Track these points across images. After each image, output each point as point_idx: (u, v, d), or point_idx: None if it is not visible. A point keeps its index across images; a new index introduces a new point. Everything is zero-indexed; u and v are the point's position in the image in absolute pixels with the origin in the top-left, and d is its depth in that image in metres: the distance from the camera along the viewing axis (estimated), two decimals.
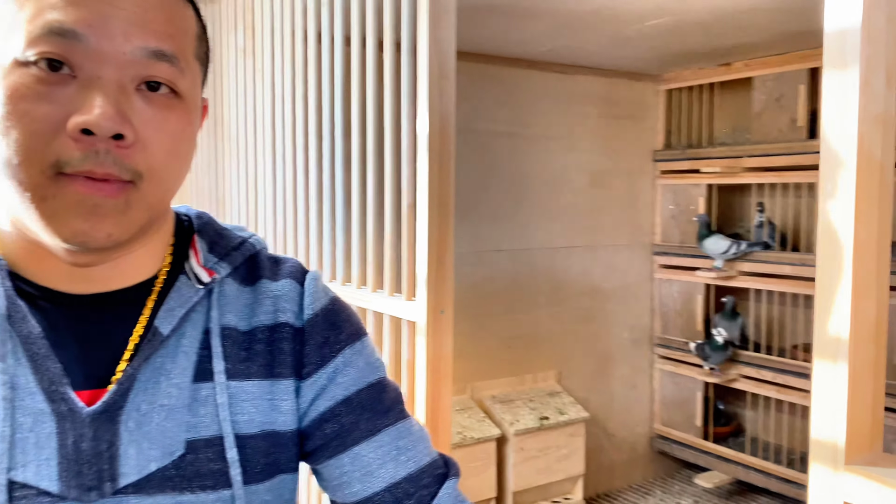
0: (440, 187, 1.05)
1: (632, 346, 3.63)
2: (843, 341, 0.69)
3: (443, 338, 1.07)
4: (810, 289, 2.94)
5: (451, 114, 1.06)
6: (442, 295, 1.07)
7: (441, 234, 1.05)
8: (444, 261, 1.06)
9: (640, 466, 3.68)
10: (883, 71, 0.76)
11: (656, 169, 3.63)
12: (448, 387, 1.08)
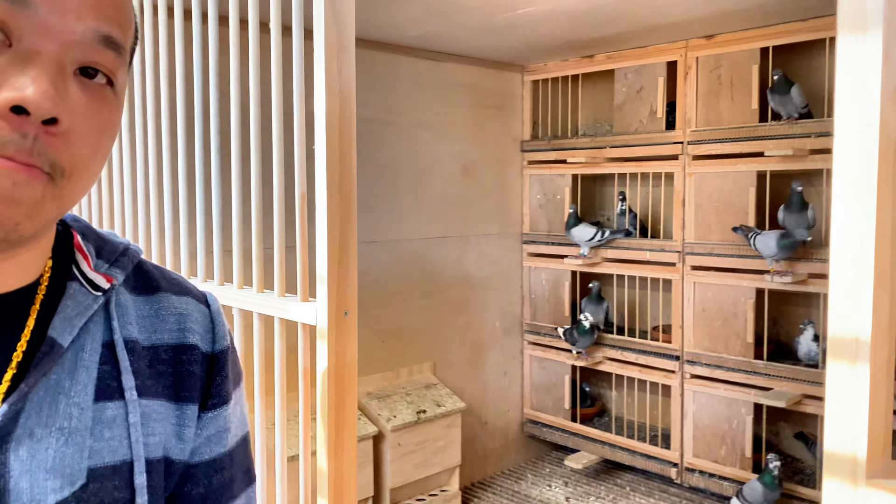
0: (342, 172, 0.94)
1: (503, 333, 3.66)
2: (864, 342, 0.64)
3: (347, 343, 0.97)
4: (668, 273, 3.09)
5: (351, 91, 0.96)
6: (345, 294, 0.96)
7: (344, 224, 0.95)
8: (347, 255, 0.96)
9: (512, 452, 3.74)
10: None
11: (524, 159, 3.68)
12: (353, 399, 0.98)
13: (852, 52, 0.63)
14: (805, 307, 3.13)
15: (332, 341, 0.96)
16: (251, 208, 1.23)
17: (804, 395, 2.77)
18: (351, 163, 0.96)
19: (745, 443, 2.95)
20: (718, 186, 2.97)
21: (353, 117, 0.97)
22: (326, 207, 0.95)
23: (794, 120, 2.74)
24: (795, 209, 2.70)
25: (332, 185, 0.95)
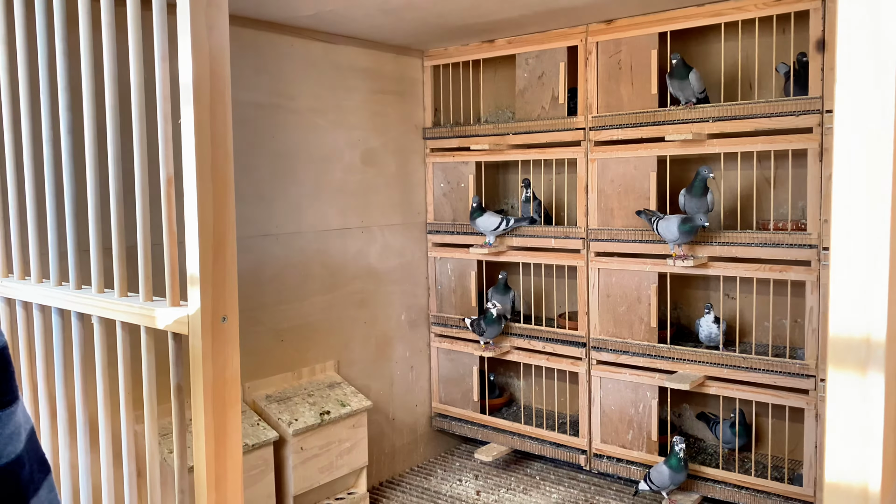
0: (215, 151, 0.79)
1: (409, 327, 3.56)
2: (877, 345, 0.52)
3: (227, 353, 0.82)
4: (573, 260, 3.07)
5: (224, 52, 0.81)
6: (222, 296, 0.82)
7: (220, 213, 0.80)
8: (223, 251, 0.81)
9: (421, 447, 3.65)
10: None
11: (426, 146, 3.57)
12: (237, 416, 0.84)
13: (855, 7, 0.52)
14: (704, 290, 3.18)
15: (209, 352, 0.81)
16: (109, 198, 1.05)
17: (706, 377, 2.81)
18: (226, 138, 0.82)
19: (651, 426, 2.97)
20: (620, 172, 2.97)
21: (226, 84, 0.82)
22: (197, 193, 0.79)
23: (692, 105, 2.76)
24: (697, 193, 2.73)
25: (204, 166, 0.80)
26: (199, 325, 0.82)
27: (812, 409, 2.58)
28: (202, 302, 0.82)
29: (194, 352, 0.84)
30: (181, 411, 0.90)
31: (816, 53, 2.48)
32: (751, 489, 2.75)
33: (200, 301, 0.82)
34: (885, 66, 0.52)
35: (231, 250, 0.83)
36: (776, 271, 2.62)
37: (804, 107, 2.51)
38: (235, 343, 0.85)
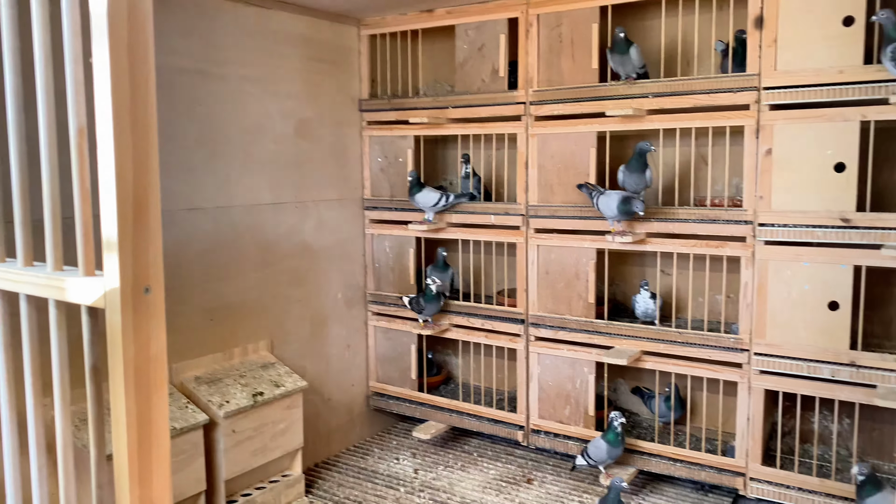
0: (134, 95, 0.69)
1: (346, 305, 3.46)
2: None
3: (151, 329, 0.73)
4: (513, 236, 3.04)
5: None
6: (145, 264, 0.72)
7: (140, 169, 0.70)
8: (145, 212, 0.71)
9: (357, 427, 3.58)
10: None
11: (363, 119, 3.46)
12: (163, 399, 0.75)
13: None
14: (640, 266, 3.21)
15: (130, 328, 0.72)
16: (9, 150, 0.93)
17: (643, 352, 2.83)
18: (147, 81, 0.71)
19: (589, 402, 2.99)
20: (560, 148, 2.94)
21: (148, 16, 0.72)
22: (114, 144, 0.69)
23: (632, 80, 2.74)
24: (635, 169, 2.72)
25: (121, 114, 0.69)
26: (117, 298, 0.72)
27: (745, 382, 2.63)
28: (121, 271, 0.72)
29: (113, 328, 0.74)
30: (98, 395, 0.80)
31: (754, 30, 2.49)
32: (685, 461, 2.80)
33: (119, 270, 0.72)
34: None
35: (154, 211, 0.73)
36: (712, 247, 2.65)
37: (742, 84, 2.53)
38: (161, 317, 0.76)
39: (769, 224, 2.52)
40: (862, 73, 2.30)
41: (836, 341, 2.42)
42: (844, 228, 2.38)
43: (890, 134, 2.55)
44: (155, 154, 0.74)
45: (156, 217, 0.75)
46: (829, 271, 2.42)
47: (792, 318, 2.50)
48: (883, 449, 2.72)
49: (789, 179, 2.47)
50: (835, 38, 2.34)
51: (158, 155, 0.76)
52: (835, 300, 2.42)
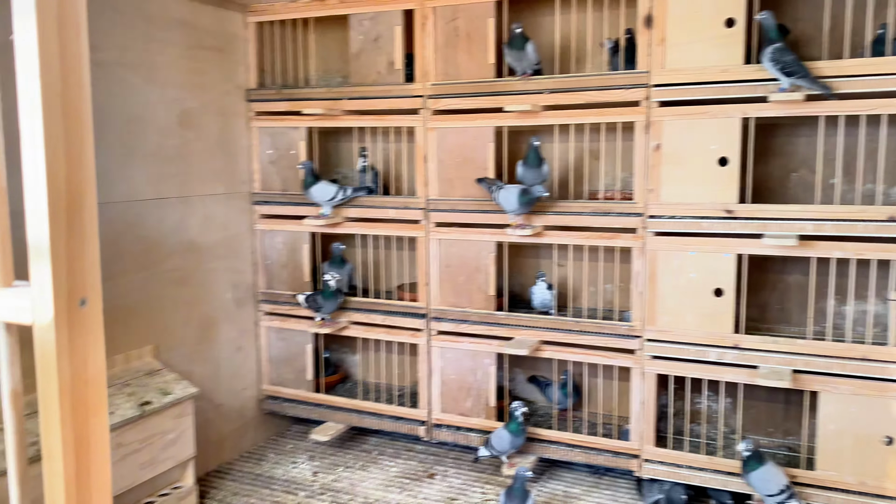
0: (66, 80, 0.58)
1: (235, 305, 3.30)
2: None
3: (88, 347, 0.63)
4: (413, 230, 3.01)
5: None
6: (80, 273, 0.62)
7: (74, 166, 0.60)
8: (80, 213, 0.61)
9: (250, 432, 3.43)
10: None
11: (251, 109, 3.30)
12: (103, 427, 0.65)
13: None
14: (535, 258, 3.27)
15: (65, 346, 0.61)
16: None
17: (542, 342, 2.89)
18: (81, 60, 0.61)
19: (490, 393, 3.01)
20: (459, 142, 2.94)
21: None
22: (44, 135, 0.59)
23: (528, 76, 2.78)
24: (533, 164, 2.77)
25: (52, 99, 0.59)
26: (49, 312, 0.62)
27: (638, 367, 2.74)
28: (55, 281, 0.61)
29: (44, 347, 0.64)
30: (19, 426, 0.69)
31: (644, 29, 2.59)
32: (583, 447, 2.88)
33: (52, 279, 0.61)
34: None
35: (90, 211, 0.63)
36: (606, 239, 2.74)
37: (632, 81, 2.62)
38: (99, 333, 0.66)
39: (659, 216, 2.63)
40: (743, 72, 2.44)
41: (721, 326, 2.58)
42: (728, 219, 2.52)
43: (768, 130, 2.74)
44: (90, 145, 0.64)
45: (92, 218, 0.65)
46: (714, 260, 2.56)
47: (680, 305, 2.63)
48: (760, 425, 2.93)
49: (677, 173, 2.59)
50: (718, 39, 2.47)
51: None
52: (719, 287, 2.56)
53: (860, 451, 2.43)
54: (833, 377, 2.44)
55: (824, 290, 2.67)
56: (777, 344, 2.51)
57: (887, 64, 2.27)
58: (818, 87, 2.30)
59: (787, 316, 2.84)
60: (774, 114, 2.44)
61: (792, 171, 2.78)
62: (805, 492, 2.49)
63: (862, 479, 2.43)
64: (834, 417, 2.45)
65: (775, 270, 2.83)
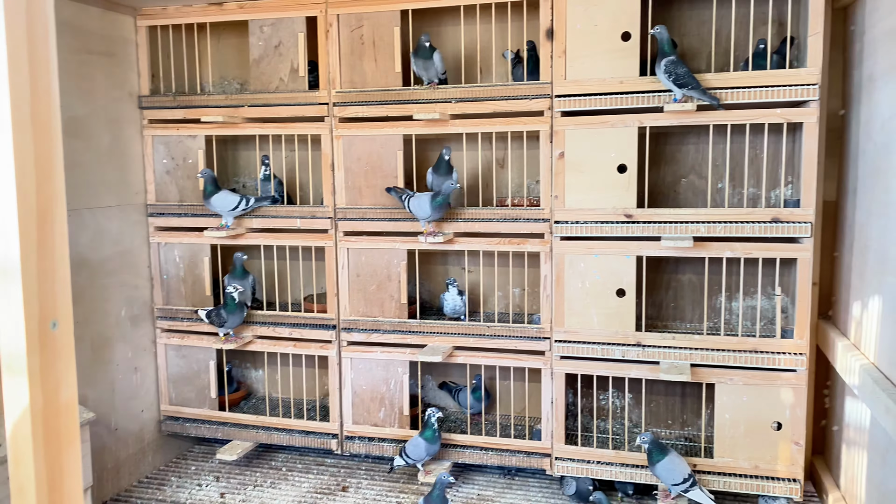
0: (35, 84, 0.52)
1: (131, 323, 3.13)
2: None
3: (60, 372, 0.58)
4: (320, 240, 2.97)
5: None
6: (51, 293, 0.57)
7: (44, 178, 0.54)
8: (51, 230, 0.56)
9: (149, 456, 3.25)
10: None
11: (144, 117, 3.15)
12: (75, 458, 0.60)
13: None
14: (444, 265, 3.30)
15: (36, 372, 0.56)
16: None
17: (455, 347, 2.92)
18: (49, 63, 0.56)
19: (404, 401, 3.01)
20: (367, 150, 2.92)
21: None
22: (13, 144, 0.53)
23: (435, 85, 2.81)
24: (442, 172, 2.79)
25: (20, 105, 0.54)
26: (20, 335, 0.56)
27: (548, 368, 2.82)
28: (25, 302, 0.56)
29: (14, 372, 0.58)
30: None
31: (546, 42, 2.68)
32: (496, 449, 2.93)
33: (24, 300, 0.56)
34: None
35: (61, 226, 0.58)
36: (514, 244, 2.81)
37: (536, 91, 2.70)
38: (70, 357, 0.61)
39: (564, 221, 2.72)
40: (639, 83, 2.58)
41: (624, 325, 2.70)
42: (628, 223, 2.65)
43: (660, 138, 2.90)
44: (59, 156, 0.59)
45: (62, 234, 0.60)
46: (616, 262, 2.68)
47: (586, 306, 2.73)
48: (660, 418, 3.09)
49: (580, 180, 2.69)
50: (615, 52, 2.59)
51: None
52: (622, 287, 2.69)
53: (753, 438, 2.61)
54: (727, 369, 2.61)
55: (716, 287, 2.86)
56: (676, 340, 2.66)
57: (768, 77, 2.47)
58: (707, 98, 2.47)
59: (681, 313, 3.01)
60: (668, 123, 2.59)
61: (682, 176, 2.95)
62: (705, 478, 2.65)
63: (755, 462, 2.61)
64: (729, 407, 2.62)
65: (669, 271, 3.00)
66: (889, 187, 2.16)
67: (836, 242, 2.83)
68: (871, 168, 2.37)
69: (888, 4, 2.20)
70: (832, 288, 2.85)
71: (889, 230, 2.15)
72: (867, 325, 2.34)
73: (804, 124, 2.47)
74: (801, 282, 2.52)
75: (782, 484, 2.58)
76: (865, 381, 2.18)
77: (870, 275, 2.33)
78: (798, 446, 2.57)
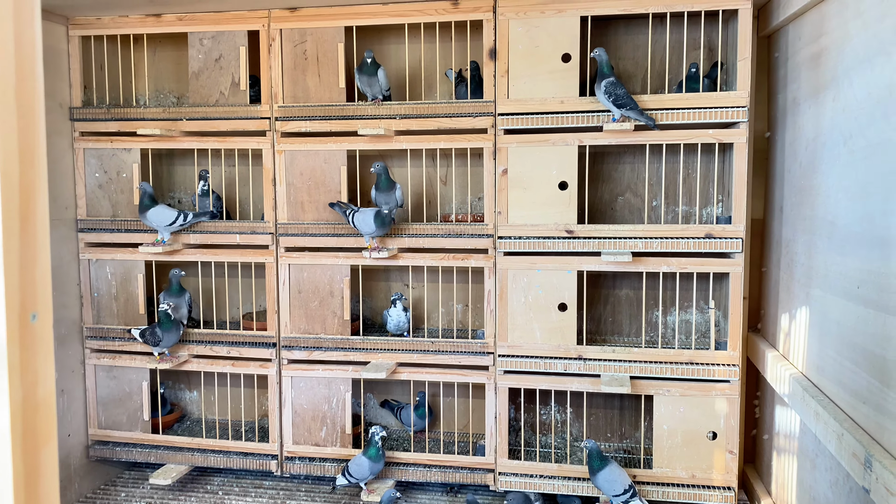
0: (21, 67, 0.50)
1: (58, 344, 2.98)
2: None
3: (38, 366, 0.54)
4: (261, 256, 2.92)
5: None
6: (31, 285, 0.53)
7: (27, 165, 0.51)
8: (33, 218, 0.52)
9: (75, 483, 3.09)
10: None
11: (74, 130, 3.04)
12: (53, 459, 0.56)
13: None
14: (386, 281, 3.29)
15: (16, 366, 0.53)
16: None
17: (398, 364, 2.90)
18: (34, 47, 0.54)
19: (346, 420, 2.97)
20: (310, 165, 2.90)
21: None
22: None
23: (379, 101, 2.82)
24: (385, 188, 2.80)
25: (5, 90, 0.51)
26: (2, 327, 0.52)
27: (492, 382, 2.84)
28: (7, 293, 0.52)
29: None
30: None
31: (489, 61, 2.73)
32: (440, 466, 2.92)
33: (5, 291, 0.52)
34: None
35: (42, 216, 0.55)
36: (459, 259, 2.83)
37: (480, 109, 2.75)
38: (49, 351, 0.57)
39: (507, 237, 2.76)
40: (579, 103, 2.66)
41: (566, 338, 2.75)
42: (568, 239, 2.71)
43: (597, 157, 2.98)
44: (43, 143, 0.57)
45: (44, 223, 0.57)
46: (558, 277, 2.73)
47: (529, 321, 2.77)
48: (600, 431, 3.14)
49: (523, 196, 2.74)
50: (556, 72, 2.67)
51: None
52: (563, 302, 2.74)
53: (690, 448, 2.69)
54: (665, 381, 2.68)
55: (652, 302, 2.95)
56: (616, 353, 2.72)
57: (700, 99, 2.59)
58: (644, 119, 2.56)
59: (618, 328, 3.09)
60: (607, 142, 2.68)
61: (619, 194, 3.05)
62: (644, 489, 2.71)
63: (692, 472, 2.69)
64: (667, 418, 2.70)
65: (607, 286, 3.08)
66: (814, 204, 2.28)
67: (763, 258, 2.96)
68: (796, 186, 2.50)
69: (810, 32, 2.34)
70: (760, 302, 2.99)
71: (814, 245, 2.27)
72: (795, 336, 2.45)
73: (734, 144, 2.59)
74: (733, 295, 2.63)
75: (718, 492, 2.66)
76: (795, 390, 2.29)
77: (797, 288, 2.46)
78: (732, 455, 2.66)
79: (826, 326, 2.13)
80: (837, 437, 1.88)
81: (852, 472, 1.77)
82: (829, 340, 2.10)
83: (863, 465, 1.69)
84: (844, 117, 2.01)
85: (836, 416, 1.93)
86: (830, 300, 2.10)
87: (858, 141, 1.91)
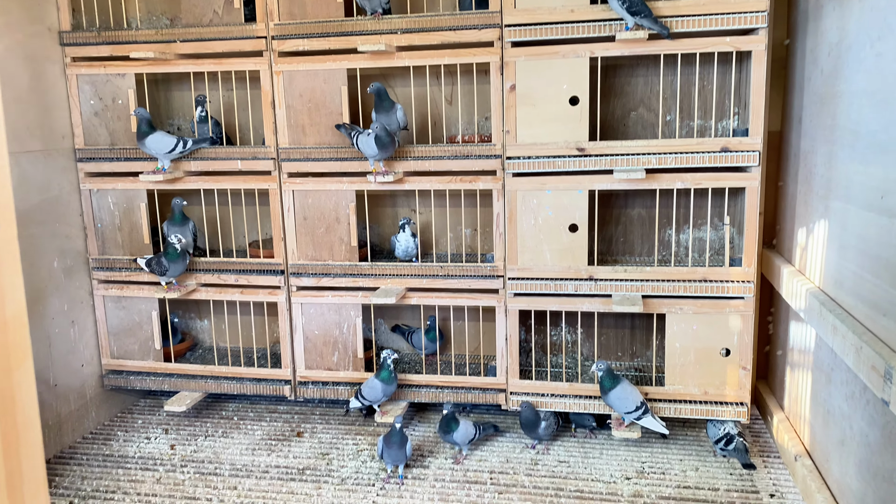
0: None
1: (65, 275, 2.97)
2: None
3: (4, 283, 0.49)
4: (263, 182, 2.86)
5: None
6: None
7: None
8: None
9: (92, 412, 3.13)
10: None
11: (66, 55, 2.93)
12: (30, 380, 0.51)
13: None
14: (393, 207, 3.23)
15: None
16: None
17: (408, 289, 2.88)
18: None
19: (357, 345, 2.97)
20: (309, 86, 2.80)
21: None
22: None
23: (379, 15, 2.69)
24: (385, 110, 2.70)
25: None
26: None
27: (502, 305, 2.81)
28: None
29: None
30: None
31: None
32: (452, 387, 2.93)
33: None
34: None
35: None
36: (466, 182, 2.76)
37: (485, 20, 2.62)
38: (15, 266, 0.52)
39: (516, 157, 2.68)
40: (590, 12, 2.52)
41: (577, 259, 2.70)
42: (580, 157, 2.63)
43: (609, 71, 2.86)
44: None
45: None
46: (568, 197, 2.66)
47: (539, 243, 2.72)
48: (611, 351, 3.14)
49: (532, 113, 2.64)
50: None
51: None
52: (574, 223, 2.68)
53: (702, 365, 2.67)
54: (678, 299, 2.65)
55: (664, 221, 2.88)
56: (627, 272, 2.68)
57: (717, 4, 2.44)
58: (658, 28, 2.43)
59: (630, 247, 3.04)
60: (620, 53, 2.55)
61: (631, 109, 2.94)
62: (657, 406, 2.71)
63: (705, 388, 2.68)
64: (679, 336, 2.67)
65: (619, 206, 3.01)
66: (836, 113, 2.18)
67: (780, 172, 2.88)
68: (817, 95, 2.39)
69: None
70: (776, 218, 2.91)
71: (835, 156, 2.18)
72: (813, 251, 2.39)
73: (753, 52, 2.47)
74: (748, 210, 2.56)
75: (730, 408, 2.66)
76: (812, 304, 2.24)
77: (815, 201, 2.38)
78: (745, 371, 2.65)
79: (846, 239, 2.07)
80: (856, 350, 1.84)
81: (871, 384, 1.74)
82: (848, 253, 2.04)
83: (882, 377, 1.65)
84: (873, 17, 1.89)
85: (854, 329, 1.89)
86: (851, 212, 2.03)
87: (888, 41, 1.79)
